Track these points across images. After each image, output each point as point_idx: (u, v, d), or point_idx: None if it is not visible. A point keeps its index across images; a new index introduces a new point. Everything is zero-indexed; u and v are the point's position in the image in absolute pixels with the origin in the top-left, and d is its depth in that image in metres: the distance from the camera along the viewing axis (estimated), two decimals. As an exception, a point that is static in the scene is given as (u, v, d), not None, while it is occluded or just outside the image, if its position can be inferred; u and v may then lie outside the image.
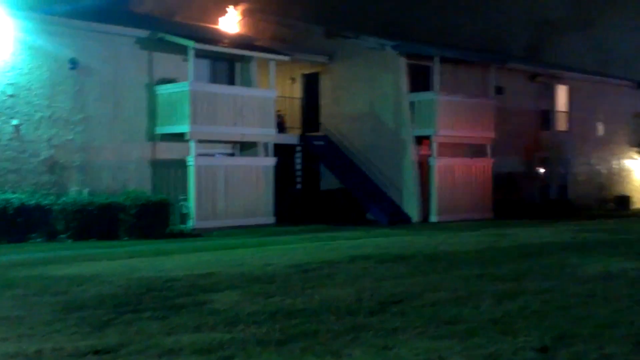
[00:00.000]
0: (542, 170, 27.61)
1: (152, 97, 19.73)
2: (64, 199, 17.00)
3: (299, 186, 24.06)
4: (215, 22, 27.66)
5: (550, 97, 28.08)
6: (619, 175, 30.82)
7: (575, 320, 6.28)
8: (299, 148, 23.85)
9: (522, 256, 11.32)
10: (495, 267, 10.18)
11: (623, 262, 10.03)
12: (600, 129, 29.72)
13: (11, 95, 17.53)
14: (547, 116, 27.96)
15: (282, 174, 22.16)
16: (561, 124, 28.53)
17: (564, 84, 28.51)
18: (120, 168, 19.20)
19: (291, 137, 23.41)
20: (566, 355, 5.18)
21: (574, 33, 40.61)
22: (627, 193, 30.53)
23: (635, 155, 30.11)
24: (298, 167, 24.13)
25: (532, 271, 9.51)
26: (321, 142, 23.87)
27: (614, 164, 30.65)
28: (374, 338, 5.98)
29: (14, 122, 17.54)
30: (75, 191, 18.02)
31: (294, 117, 24.62)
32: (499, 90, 24.72)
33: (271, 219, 20.60)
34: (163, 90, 19.69)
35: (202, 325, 6.68)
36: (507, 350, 5.37)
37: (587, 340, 5.54)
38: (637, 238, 13.86)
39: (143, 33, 19.77)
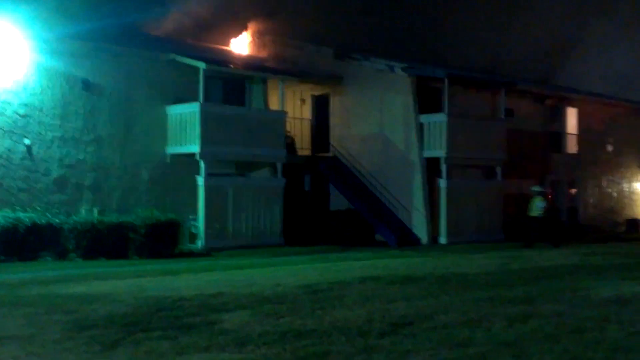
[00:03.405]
0: (552, 192, 27.49)
1: (163, 118, 19.85)
2: (74, 218, 17.06)
3: (308, 207, 24.05)
4: (227, 44, 27.90)
5: (560, 119, 28.06)
6: (630, 199, 30.68)
7: (588, 344, 6.22)
8: (308, 169, 23.88)
9: (534, 279, 11.25)
10: (507, 289, 10.12)
11: (636, 285, 9.95)
12: (610, 151, 29.63)
13: (24, 115, 17.68)
14: (557, 138, 27.92)
15: (292, 194, 22.16)
16: (571, 147, 28.47)
17: (573, 106, 28.50)
18: (130, 188, 19.28)
19: (301, 158, 23.45)
20: (580, 379, 5.13)
21: (586, 57, 40.65)
22: (638, 216, 30.35)
23: (646, 179, 29.99)
24: (307, 187, 24.14)
25: (544, 294, 9.44)
26: (330, 163, 23.89)
27: (625, 187, 30.52)
28: (385, 360, 5.94)
29: (27, 141, 17.67)
30: (86, 210, 18.09)
31: (303, 138, 24.67)
32: (509, 113, 24.71)
33: (280, 240, 20.59)
34: (174, 110, 19.81)
35: (213, 346, 6.66)
36: (520, 373, 5.33)
37: (601, 364, 5.49)
38: (649, 261, 13.76)
39: (155, 54, 19.95)
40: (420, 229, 22.23)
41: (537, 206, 20.31)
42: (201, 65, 19.37)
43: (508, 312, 8.08)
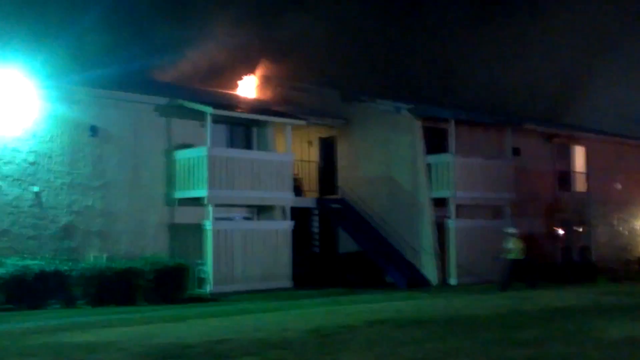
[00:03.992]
0: (562, 231, 27.33)
1: (170, 163, 19.97)
2: (82, 264, 17.02)
3: (316, 249, 23.98)
4: (233, 88, 28.21)
5: (568, 157, 28.03)
6: (642, 236, 30.41)
7: (598, 387, 6.11)
8: (316, 211, 23.87)
9: (545, 320, 11.11)
10: (517, 331, 9.98)
11: (647, 326, 9.81)
12: (619, 189, 29.49)
13: (33, 163, 17.83)
14: (565, 177, 27.85)
15: (300, 237, 22.11)
16: (580, 185, 28.38)
17: (581, 144, 28.50)
18: (138, 233, 19.30)
19: (308, 200, 23.47)
20: None
21: (593, 94, 40.78)
22: (651, 254, 30.04)
23: (657, 216, 29.78)
24: (315, 230, 24.10)
25: (555, 336, 9.31)
26: (338, 205, 23.89)
27: (636, 225, 30.31)
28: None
29: (35, 189, 17.78)
30: (94, 257, 18.08)
31: (311, 180, 24.73)
32: (516, 152, 24.74)
33: (289, 283, 20.47)
34: (181, 155, 19.94)
35: (217, 394, 6.57)
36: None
37: (611, 409, 5.38)
38: (662, 300, 13.57)
39: (162, 100, 20.18)
40: (429, 270, 22.07)
41: (512, 248, 19.96)
42: (208, 110, 19.56)
43: (518, 354, 7.97)
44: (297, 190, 22.65)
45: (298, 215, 21.85)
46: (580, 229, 28.06)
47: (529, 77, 43.03)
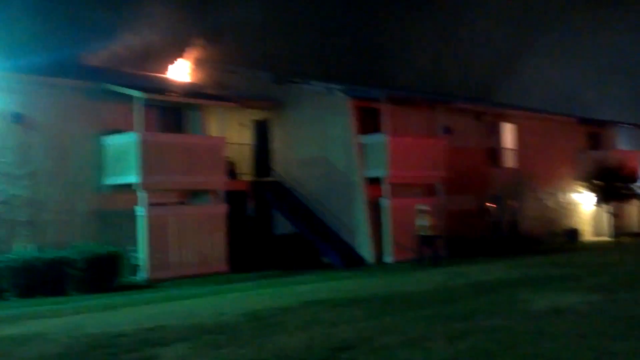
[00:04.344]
0: (492, 206, 28.01)
1: (99, 148, 19.50)
2: (9, 255, 16.51)
3: (252, 232, 23.87)
4: (164, 72, 27.69)
5: (498, 135, 28.67)
6: (568, 209, 31.45)
7: (522, 358, 6.29)
8: (251, 194, 23.75)
9: (474, 294, 11.38)
10: (448, 306, 10.20)
11: (571, 296, 10.16)
12: (546, 164, 30.39)
13: (-47, 151, 17.13)
14: (495, 154, 28.50)
15: (235, 220, 21.97)
16: (509, 161, 29.10)
17: (510, 121, 29.17)
18: (68, 221, 18.81)
19: (243, 184, 23.33)
20: (513, 395, 5.17)
21: (524, 73, 41.79)
22: (576, 226, 31.14)
23: (582, 189, 30.81)
24: (250, 213, 23.99)
25: (483, 309, 9.55)
26: (273, 188, 23.83)
27: (562, 198, 31.30)
28: (323, 387, 5.89)
29: (-44, 178, 17.11)
30: (22, 247, 17.55)
31: (245, 163, 24.57)
32: (448, 130, 25.15)
33: (225, 267, 20.35)
34: (110, 141, 19.48)
35: (148, 382, 6.49)
36: (455, 392, 5.34)
37: (533, 378, 5.56)
38: (584, 271, 14.07)
39: (90, 85, 19.63)
40: (365, 249, 22.30)
41: (421, 224, 20.52)
42: (137, 94, 19.14)
43: (448, 329, 8.13)
44: (232, 173, 22.48)
45: (233, 198, 21.69)
46: (510, 204, 28.81)
47: (462, 57, 43.76)
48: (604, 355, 6.23)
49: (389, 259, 22.18)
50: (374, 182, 22.75)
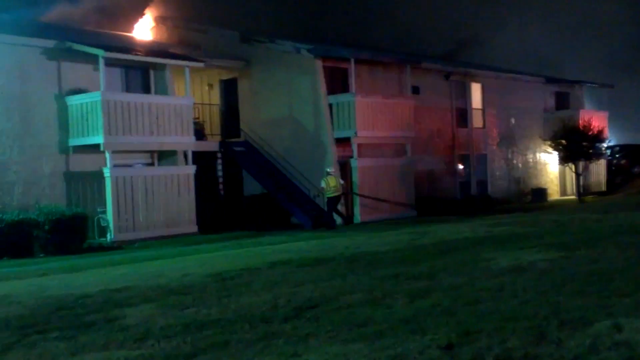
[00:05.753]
0: (461, 167, 28.26)
1: (63, 109, 19.18)
2: (-28, 218, 16.31)
3: (221, 193, 23.83)
4: (130, 31, 27.15)
5: (465, 95, 28.79)
6: (535, 169, 31.88)
7: (481, 315, 6.40)
8: (219, 155, 23.63)
9: (439, 253, 11.50)
10: (412, 265, 10.30)
11: (533, 254, 10.31)
12: (514, 124, 30.66)
13: None
14: (463, 114, 28.65)
15: (204, 181, 21.89)
16: (477, 121, 29.29)
17: (477, 82, 29.29)
18: (32, 183, 18.57)
19: (211, 144, 23.17)
20: (470, 351, 5.26)
21: (490, 35, 41.79)
22: (544, 185, 31.61)
23: (549, 149, 31.19)
24: (219, 174, 23.90)
25: (447, 268, 9.66)
26: (242, 148, 23.73)
27: (530, 158, 31.68)
28: (285, 345, 5.94)
29: None
30: (-15, 209, 17.32)
31: (213, 123, 24.39)
32: (416, 90, 25.18)
33: (194, 228, 20.32)
34: (74, 101, 19.15)
35: (111, 343, 6.49)
36: (414, 349, 5.42)
37: (491, 334, 5.65)
38: (548, 230, 14.27)
39: (50, 43, 19.20)
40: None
41: (326, 186, 20.79)
42: (100, 52, 18.78)
43: (411, 288, 8.22)
44: (199, 134, 22.30)
45: (201, 159, 21.57)
46: (478, 164, 29.10)
47: (430, 16, 43.55)
48: (562, 311, 6.36)
49: (358, 219, 22.33)
50: (343, 142, 22.77)
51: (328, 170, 20.96)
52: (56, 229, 16.44)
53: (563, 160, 30.69)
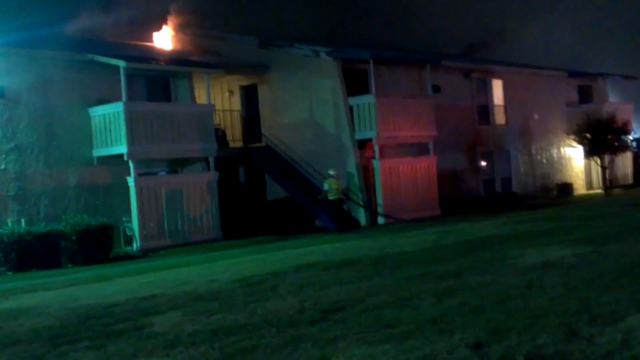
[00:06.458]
0: (484, 164, 28.05)
1: (86, 120, 19.36)
2: (0, 230, 16.50)
3: (244, 199, 23.90)
4: (150, 41, 27.37)
5: (487, 92, 28.56)
6: (560, 164, 31.52)
7: (510, 313, 6.33)
8: (241, 160, 23.70)
9: (465, 252, 11.43)
10: (438, 264, 10.25)
11: (560, 250, 10.21)
12: (537, 119, 30.35)
13: (-63, 128, 16.96)
14: (485, 111, 28.43)
15: (227, 187, 21.97)
16: (499, 118, 29.05)
17: (498, 78, 29.04)
18: (58, 194, 18.77)
19: (233, 150, 23.26)
20: (500, 349, 5.20)
21: (515, 29, 41.47)
22: (569, 180, 31.23)
23: (574, 143, 30.83)
24: (242, 179, 23.98)
25: (473, 266, 9.60)
26: (264, 153, 23.77)
27: (554, 152, 31.34)
28: (312, 349, 5.93)
29: (-57, 156, 16.98)
30: (12, 222, 17.52)
31: (234, 129, 24.48)
32: (436, 89, 25.03)
33: (218, 234, 20.39)
34: (97, 112, 19.34)
35: (140, 351, 6.53)
36: (443, 349, 5.38)
37: (520, 332, 5.59)
38: (575, 225, 14.13)
39: (73, 56, 19.40)
40: (358, 212, 22.35)
41: (328, 189, 20.67)
42: (121, 63, 18.93)
43: (437, 287, 8.18)
44: (221, 140, 22.39)
45: (224, 165, 21.66)
46: (502, 161, 28.84)
47: (452, 13, 43.33)
48: (592, 306, 6.28)
49: (382, 220, 22.25)
50: (365, 143, 22.71)
51: (330, 172, 20.97)
52: (83, 239, 16.60)
53: (588, 154, 30.32)
